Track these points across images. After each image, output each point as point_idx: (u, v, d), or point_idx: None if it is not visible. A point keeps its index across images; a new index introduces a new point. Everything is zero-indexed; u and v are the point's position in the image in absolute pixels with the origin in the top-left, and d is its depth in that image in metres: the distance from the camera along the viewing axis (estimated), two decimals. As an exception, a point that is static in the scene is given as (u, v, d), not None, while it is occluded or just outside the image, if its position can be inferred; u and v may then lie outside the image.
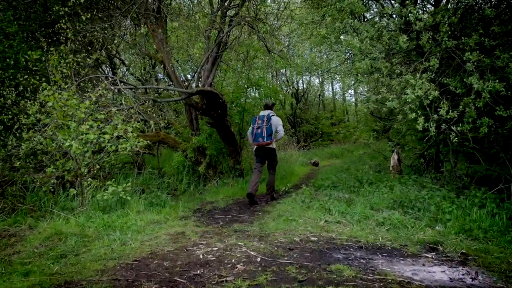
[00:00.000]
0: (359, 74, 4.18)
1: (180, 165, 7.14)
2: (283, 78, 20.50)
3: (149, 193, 6.75)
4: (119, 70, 10.90)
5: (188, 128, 7.32)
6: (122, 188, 4.12)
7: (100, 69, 9.63)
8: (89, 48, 4.57)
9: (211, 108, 6.05)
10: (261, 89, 7.68)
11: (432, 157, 6.82)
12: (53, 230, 3.26)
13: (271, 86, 7.52)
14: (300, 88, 21.95)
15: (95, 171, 4.27)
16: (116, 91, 4.61)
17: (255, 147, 5.27)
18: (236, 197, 6.00)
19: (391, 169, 6.74)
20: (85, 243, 3.00)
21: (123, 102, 4.29)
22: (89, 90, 4.44)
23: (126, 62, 11.27)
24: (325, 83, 22.67)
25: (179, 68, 9.62)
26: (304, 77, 21.52)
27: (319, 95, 23.00)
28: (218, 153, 7.44)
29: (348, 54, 8.28)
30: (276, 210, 4.57)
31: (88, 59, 4.24)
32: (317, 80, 23.29)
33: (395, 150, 6.96)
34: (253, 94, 7.83)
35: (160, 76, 11.86)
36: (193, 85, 6.26)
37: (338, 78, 16.52)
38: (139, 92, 4.91)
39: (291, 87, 20.69)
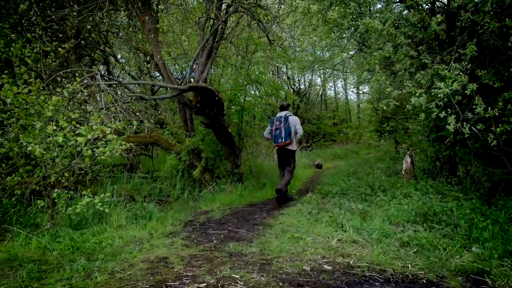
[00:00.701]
0: (377, 66, 3.55)
1: (174, 169, 6.53)
2: (284, 77, 19.89)
3: (139, 200, 6.18)
4: (114, 69, 10.27)
5: (182, 128, 6.70)
6: (99, 199, 3.50)
7: (95, 67, 9.00)
8: (61, 36, 3.94)
9: (206, 106, 5.44)
10: (262, 86, 7.06)
11: (447, 160, 6.22)
12: (6, 255, 2.65)
13: (272, 83, 6.90)
14: (302, 87, 21.35)
15: (66, 180, 3.65)
16: (98, 87, 4.01)
17: (276, 148, 5.30)
18: (234, 206, 5.38)
19: (403, 173, 6.11)
20: (41, 274, 2.38)
21: (100, 98, 3.68)
22: (65, 86, 3.82)
23: (123, 60, 10.65)
24: (328, 80, 22.03)
25: (176, 64, 9.02)
26: (305, 76, 20.93)
27: (321, 94, 22.38)
28: (215, 156, 6.84)
29: (356, 49, 7.67)
30: (279, 224, 3.96)
31: (60, 49, 3.62)
32: (319, 80, 22.70)
33: (408, 153, 6.34)
34: (252, 92, 7.21)
35: (157, 74, 11.24)
36: (191, 80, 5.63)
37: (343, 74, 15.93)
38: (128, 89, 4.30)
39: (292, 86, 20.07)
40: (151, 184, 6.67)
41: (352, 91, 23.65)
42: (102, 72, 8.43)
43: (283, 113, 5.22)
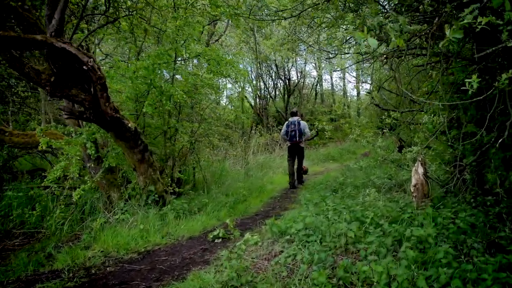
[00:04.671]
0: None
1: (56, 186, 4.20)
2: (272, 66, 17.51)
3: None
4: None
5: (72, 122, 4.38)
6: None
7: None
8: None
9: (70, 83, 3.12)
10: (203, 58, 4.69)
11: (475, 168, 3.94)
12: None
13: (214, 55, 4.53)
14: (294, 78, 18.92)
15: None
16: None
17: (289, 144, 6.69)
18: (117, 256, 3.06)
19: (412, 190, 3.73)
20: None
21: None
22: None
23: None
24: (324, 70, 19.59)
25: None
26: (298, 64, 18.52)
27: (316, 84, 19.95)
28: (125, 164, 4.52)
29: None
30: None
31: None
32: (315, 72, 20.28)
33: (419, 159, 3.88)
34: (191, 67, 4.85)
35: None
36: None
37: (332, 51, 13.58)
38: None
39: (281, 76, 17.69)
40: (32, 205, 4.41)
41: (350, 81, 21.23)
42: None
43: (295, 118, 6.62)
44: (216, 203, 4.79)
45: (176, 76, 5.15)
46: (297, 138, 6.52)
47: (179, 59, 4.81)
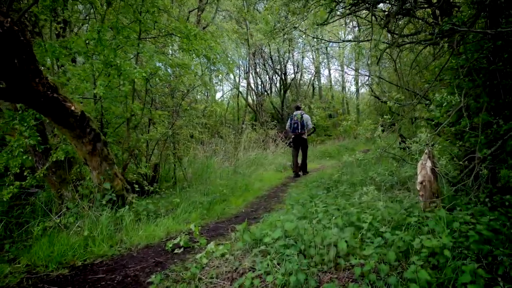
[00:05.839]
0: None
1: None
2: (268, 61, 16.79)
3: None
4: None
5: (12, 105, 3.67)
6: None
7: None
8: None
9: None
10: (178, 38, 3.99)
11: (490, 163, 3.28)
12: None
13: (184, 26, 3.83)
14: (290, 73, 18.19)
15: None
16: None
17: (293, 136, 7.22)
18: (43, 273, 2.38)
19: (418, 188, 3.02)
20: None
21: None
22: None
23: None
24: (322, 64, 18.88)
25: None
26: (294, 58, 17.80)
27: (313, 78, 19.21)
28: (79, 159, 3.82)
29: None
30: None
31: None
32: (312, 66, 19.57)
33: (427, 152, 3.16)
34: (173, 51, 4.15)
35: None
36: None
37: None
38: None
39: (277, 70, 16.97)
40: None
41: (347, 73, 20.49)
42: None
43: (298, 112, 7.08)
44: (190, 203, 4.11)
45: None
46: (299, 130, 6.99)
47: (152, 36, 4.12)
